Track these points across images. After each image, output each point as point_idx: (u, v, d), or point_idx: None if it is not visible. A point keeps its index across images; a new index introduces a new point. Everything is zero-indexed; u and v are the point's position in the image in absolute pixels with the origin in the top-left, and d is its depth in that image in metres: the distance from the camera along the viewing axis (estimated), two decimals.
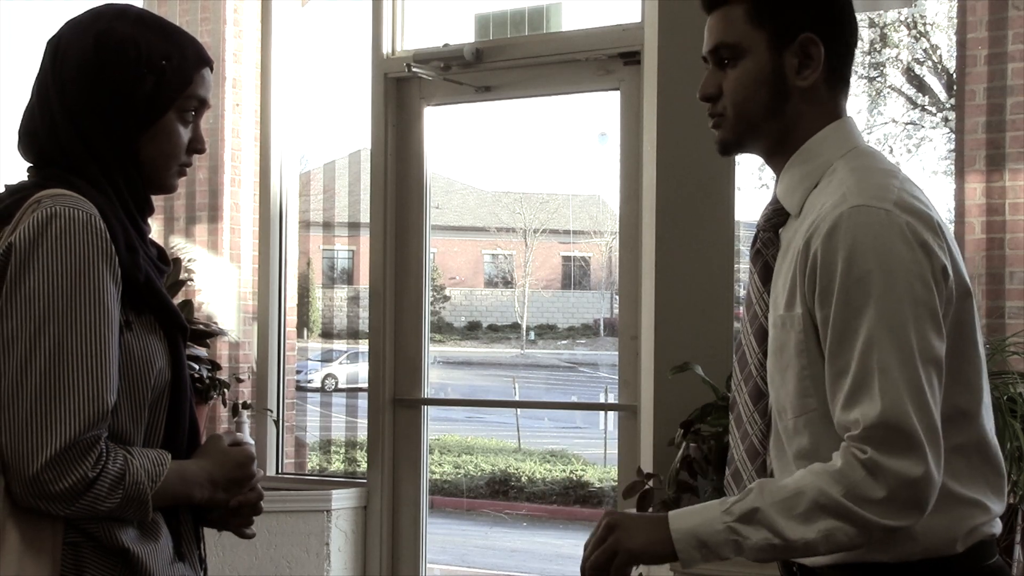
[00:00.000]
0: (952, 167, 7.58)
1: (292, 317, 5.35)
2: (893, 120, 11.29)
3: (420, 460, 4.71)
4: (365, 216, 4.98)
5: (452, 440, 11.23)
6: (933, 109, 11.09)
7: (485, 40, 4.55)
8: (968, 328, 1.79)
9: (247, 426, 5.00)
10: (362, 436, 5.15)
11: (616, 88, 4.30)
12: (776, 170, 1.94)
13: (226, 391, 4.89)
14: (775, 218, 1.92)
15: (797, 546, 1.71)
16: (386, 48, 4.72)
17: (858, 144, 1.89)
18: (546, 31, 4.53)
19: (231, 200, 5.44)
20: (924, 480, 1.66)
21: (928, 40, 10.99)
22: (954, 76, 6.09)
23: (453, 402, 12.64)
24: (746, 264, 1.97)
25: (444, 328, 13.03)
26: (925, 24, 10.86)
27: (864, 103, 11.03)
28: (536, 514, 10.27)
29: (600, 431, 10.12)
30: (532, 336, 13.14)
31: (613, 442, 4.81)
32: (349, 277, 7.38)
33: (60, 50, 1.87)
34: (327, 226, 6.47)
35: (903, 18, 10.64)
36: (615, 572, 1.79)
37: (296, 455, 5.46)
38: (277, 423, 5.12)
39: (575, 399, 12.10)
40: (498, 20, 4.59)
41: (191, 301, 4.94)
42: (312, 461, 5.95)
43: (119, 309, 1.77)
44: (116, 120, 1.85)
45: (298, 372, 6.19)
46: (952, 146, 9.44)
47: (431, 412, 4.86)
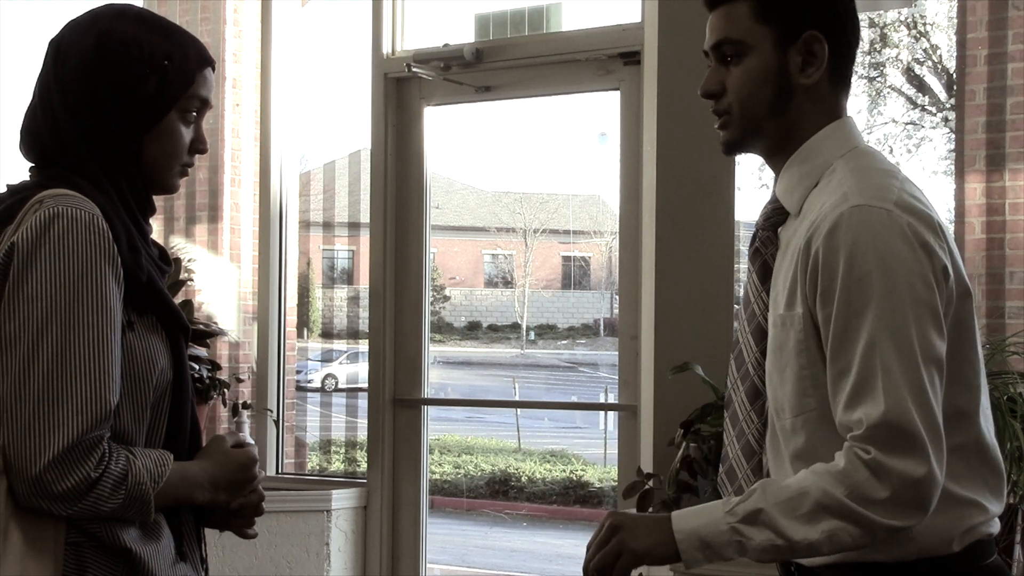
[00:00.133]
0: (952, 167, 7.58)
1: (292, 317, 5.35)
2: (893, 120, 11.30)
3: (420, 460, 4.71)
4: (365, 216, 4.98)
5: (452, 440, 11.23)
6: (933, 109, 11.10)
7: (485, 40, 4.55)
8: (967, 329, 1.79)
9: (247, 426, 5.00)
10: (362, 436, 5.15)
11: (616, 88, 4.30)
12: (776, 169, 1.94)
13: (226, 391, 4.90)
14: (774, 217, 1.92)
15: (801, 547, 1.71)
16: (386, 48, 4.72)
17: (858, 144, 1.89)
18: (546, 31, 4.53)
19: (231, 200, 5.44)
20: (927, 480, 1.66)
21: (928, 40, 10.99)
22: (954, 76, 6.09)
23: (453, 402, 12.64)
24: (746, 264, 1.97)
25: (444, 328, 13.03)
26: (925, 24, 10.87)
27: (864, 103, 11.04)
28: (536, 514, 10.26)
29: (600, 431, 10.13)
30: (532, 336, 13.14)
31: (613, 442, 4.81)
32: (349, 277, 7.38)
33: (62, 50, 1.87)
34: (327, 226, 6.46)
35: (903, 18, 10.64)
36: (619, 573, 1.78)
37: (296, 455, 5.46)
38: (277, 423, 5.12)
39: (575, 399, 12.10)
40: (498, 20, 4.59)
41: (191, 301, 4.94)
42: (312, 461, 5.94)
43: (121, 309, 1.77)
44: (118, 120, 1.84)
45: (298, 372, 6.19)
46: (952, 146, 9.44)
47: (431, 412, 4.86)
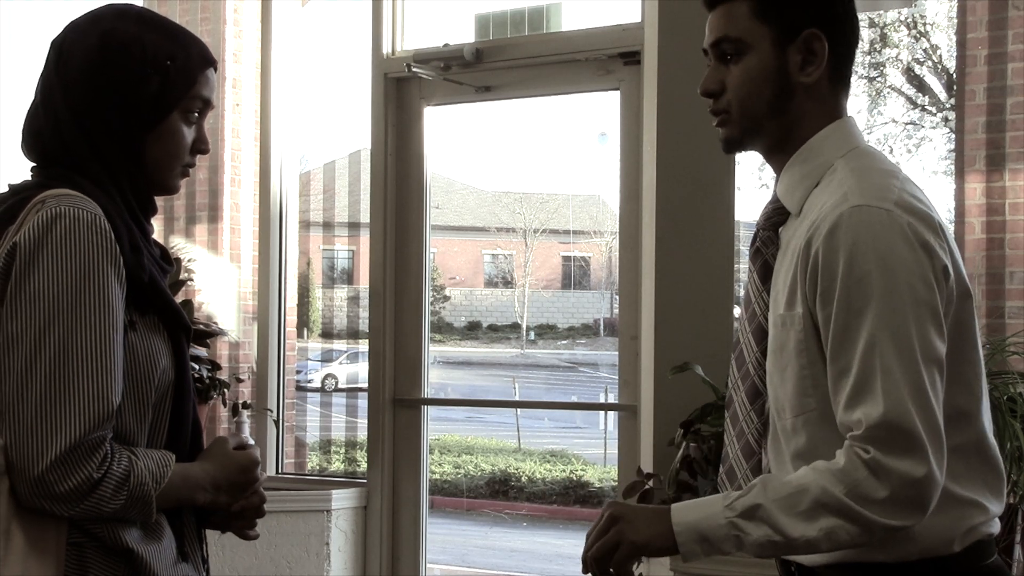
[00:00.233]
0: (952, 167, 7.58)
1: (292, 317, 5.35)
2: (893, 120, 11.30)
3: (420, 460, 4.71)
4: (365, 216, 4.98)
5: (452, 440, 11.23)
6: (933, 109, 11.09)
7: (485, 40, 4.55)
8: (968, 329, 1.79)
9: (247, 426, 5.00)
10: (362, 436, 5.15)
11: (616, 88, 4.30)
12: (776, 169, 1.94)
13: (226, 391, 4.90)
14: (775, 217, 1.92)
15: (798, 543, 1.72)
16: (386, 48, 4.72)
17: (859, 144, 1.89)
18: (546, 31, 4.53)
19: (231, 200, 5.44)
20: (926, 480, 1.66)
21: (928, 40, 10.99)
22: (954, 76, 6.09)
23: (453, 402, 12.65)
24: (746, 264, 1.97)
25: (444, 328, 13.03)
26: (925, 24, 10.87)
27: (864, 103, 11.04)
28: (536, 514, 10.27)
29: (600, 431, 10.13)
30: (532, 336, 13.15)
31: (613, 442, 4.81)
32: (349, 277, 7.38)
33: (64, 50, 1.86)
34: (327, 226, 6.46)
35: (903, 18, 10.64)
36: (617, 564, 1.79)
37: (296, 455, 5.46)
38: (277, 423, 5.12)
39: (575, 399, 12.11)
40: (498, 20, 4.59)
41: (191, 301, 4.94)
42: (312, 461, 5.95)
43: (123, 309, 1.77)
44: (120, 120, 1.84)
45: (298, 372, 6.19)
46: (952, 146, 9.44)
47: (431, 412, 4.86)
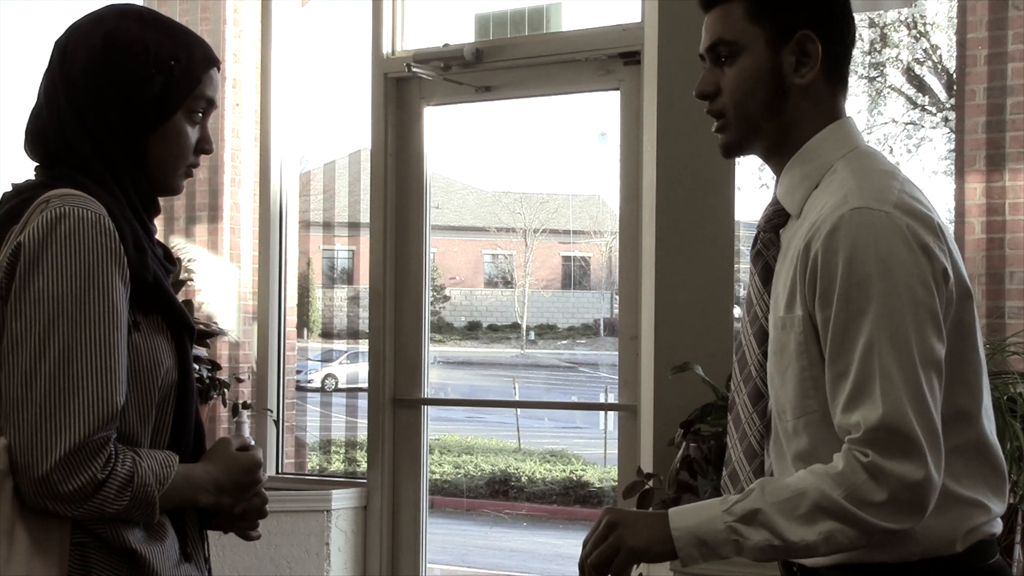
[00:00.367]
0: (952, 167, 7.58)
1: (292, 317, 5.35)
2: (893, 120, 11.29)
3: (420, 460, 4.71)
4: (365, 216, 4.98)
5: (452, 440, 11.23)
6: (933, 109, 11.09)
7: (485, 40, 4.55)
8: (968, 329, 1.79)
9: (247, 426, 5.00)
10: (362, 436, 5.15)
11: (616, 88, 4.30)
12: (776, 171, 1.94)
13: (226, 391, 4.90)
14: (776, 219, 1.92)
15: (797, 547, 1.72)
16: (386, 48, 4.72)
17: (858, 145, 1.89)
18: (546, 31, 4.53)
19: (231, 200, 5.44)
20: (924, 483, 1.66)
21: (928, 40, 10.99)
22: (954, 76, 6.09)
23: (453, 402, 12.64)
24: (746, 264, 1.97)
25: (444, 328, 13.03)
26: (925, 24, 10.86)
27: (864, 103, 11.04)
28: (536, 514, 10.26)
29: (600, 431, 10.13)
30: (532, 336, 13.14)
31: (613, 442, 4.81)
32: (349, 277, 7.38)
33: (68, 50, 1.86)
34: (327, 226, 6.46)
35: (903, 18, 10.64)
36: (616, 570, 1.78)
37: (296, 455, 5.46)
38: (277, 423, 5.12)
39: (575, 399, 12.10)
40: (498, 20, 4.58)
41: (191, 301, 4.94)
42: (312, 461, 5.95)
43: (127, 309, 1.77)
44: (124, 120, 1.84)
45: (298, 372, 6.19)
46: (952, 146, 9.44)
47: (431, 412, 4.86)
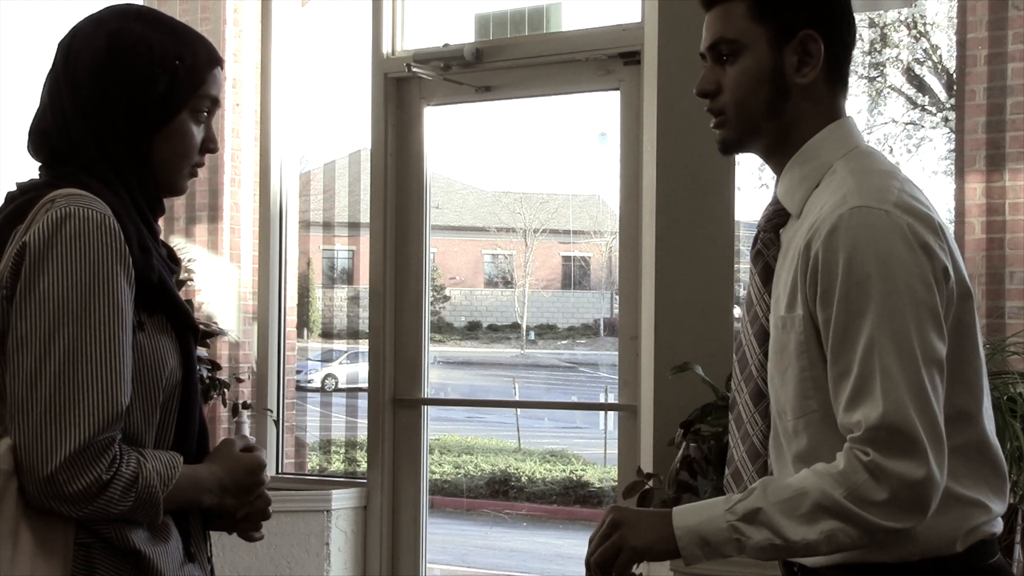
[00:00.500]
0: (952, 167, 7.58)
1: (292, 317, 5.35)
2: (893, 120, 11.30)
3: (420, 460, 4.71)
4: (365, 216, 4.98)
5: (452, 440, 11.24)
6: (933, 109, 11.10)
7: (485, 40, 4.55)
8: (969, 329, 1.79)
9: (247, 426, 5.00)
10: (362, 436, 5.15)
11: (616, 88, 4.30)
12: (776, 170, 1.94)
13: (226, 391, 4.90)
14: (776, 218, 1.92)
15: (799, 547, 1.72)
16: (386, 48, 4.72)
17: (859, 144, 1.89)
18: (546, 31, 4.53)
19: (231, 200, 5.44)
20: (926, 482, 1.66)
21: (928, 40, 10.99)
22: (954, 76, 6.09)
23: (453, 402, 12.65)
24: (746, 264, 1.97)
25: (444, 328, 13.03)
26: (925, 24, 10.86)
27: (864, 103, 11.04)
28: (536, 514, 10.26)
29: (600, 431, 10.13)
30: (532, 336, 13.15)
31: (613, 442, 4.81)
32: (349, 277, 7.38)
33: (72, 50, 1.86)
34: (327, 226, 6.47)
35: (903, 18, 10.64)
36: (619, 568, 1.79)
37: (296, 455, 5.46)
38: (277, 423, 5.12)
39: (575, 399, 12.11)
40: (498, 20, 4.59)
41: (191, 301, 4.94)
42: (312, 461, 5.95)
43: (132, 310, 1.77)
44: (128, 120, 1.84)
45: (298, 372, 6.19)
46: (952, 146, 9.44)
47: (431, 412, 4.87)
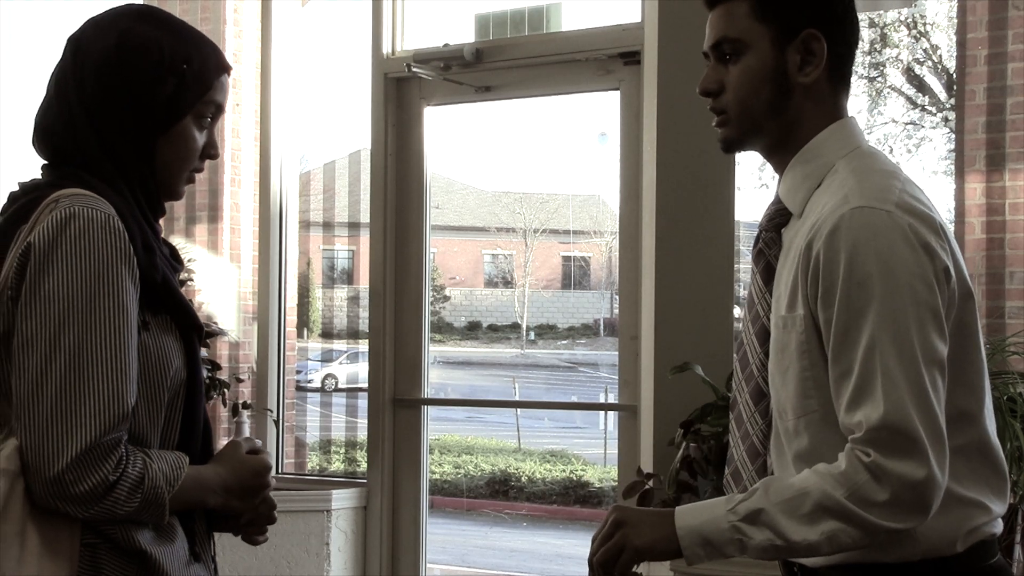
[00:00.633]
0: (952, 167, 7.58)
1: (292, 317, 5.35)
2: (893, 120, 11.30)
3: (420, 460, 4.71)
4: (365, 216, 4.98)
5: (452, 440, 11.24)
6: (933, 109, 11.10)
7: (485, 40, 4.55)
8: (970, 329, 1.79)
9: (247, 426, 5.00)
10: (362, 436, 5.15)
11: (616, 88, 4.30)
12: (778, 169, 1.94)
13: (226, 391, 4.90)
14: (777, 218, 1.92)
15: (800, 547, 1.72)
16: (386, 48, 4.72)
17: (860, 144, 1.89)
18: (546, 31, 4.53)
19: (231, 200, 5.44)
20: (927, 482, 1.66)
21: (928, 40, 11.00)
22: (954, 76, 6.09)
23: (453, 402, 12.66)
24: (746, 264, 1.97)
25: (444, 328, 13.04)
26: (925, 24, 10.87)
27: (864, 103, 11.04)
28: (536, 514, 10.27)
29: (600, 431, 10.14)
30: (532, 336, 13.16)
31: (613, 442, 4.81)
32: (349, 277, 7.38)
33: (82, 46, 1.86)
34: (327, 226, 6.47)
35: (903, 18, 10.64)
36: (621, 568, 1.80)
37: (296, 455, 5.46)
38: (277, 423, 5.12)
39: (575, 399, 12.11)
40: (498, 20, 4.58)
41: (191, 301, 4.93)
42: (312, 461, 5.95)
43: (137, 309, 1.77)
44: (133, 120, 1.84)
45: (298, 372, 6.19)
46: (952, 146, 9.44)
47: (431, 412, 4.87)
